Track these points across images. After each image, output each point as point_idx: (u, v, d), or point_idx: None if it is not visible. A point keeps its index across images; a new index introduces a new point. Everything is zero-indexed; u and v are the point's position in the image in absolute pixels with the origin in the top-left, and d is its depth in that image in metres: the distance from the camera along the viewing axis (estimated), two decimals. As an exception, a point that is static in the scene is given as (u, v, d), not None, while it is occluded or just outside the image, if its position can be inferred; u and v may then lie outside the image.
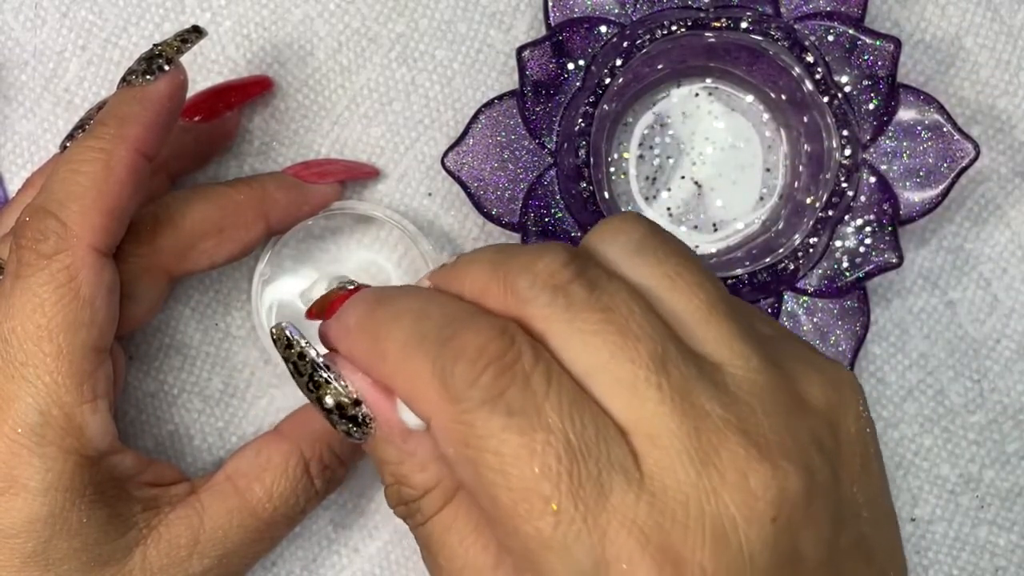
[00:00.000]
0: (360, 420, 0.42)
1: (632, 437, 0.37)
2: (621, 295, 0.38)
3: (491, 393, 0.37)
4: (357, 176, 0.56)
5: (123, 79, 0.49)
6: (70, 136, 0.52)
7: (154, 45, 0.49)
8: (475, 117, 0.54)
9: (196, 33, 0.50)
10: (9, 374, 0.46)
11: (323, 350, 0.43)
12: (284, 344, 0.43)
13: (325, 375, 0.42)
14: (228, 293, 0.57)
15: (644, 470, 0.36)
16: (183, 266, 0.51)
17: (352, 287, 0.44)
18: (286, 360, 0.43)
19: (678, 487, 0.36)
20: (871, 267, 0.53)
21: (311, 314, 0.45)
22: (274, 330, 0.43)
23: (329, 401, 0.42)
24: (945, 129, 0.53)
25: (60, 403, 0.46)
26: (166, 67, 0.49)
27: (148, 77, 0.49)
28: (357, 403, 0.41)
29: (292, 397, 0.56)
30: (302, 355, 0.42)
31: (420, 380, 0.38)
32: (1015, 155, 0.57)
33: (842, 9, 0.53)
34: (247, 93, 0.56)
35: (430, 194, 0.57)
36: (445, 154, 0.54)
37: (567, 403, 0.37)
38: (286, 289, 0.56)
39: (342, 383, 0.42)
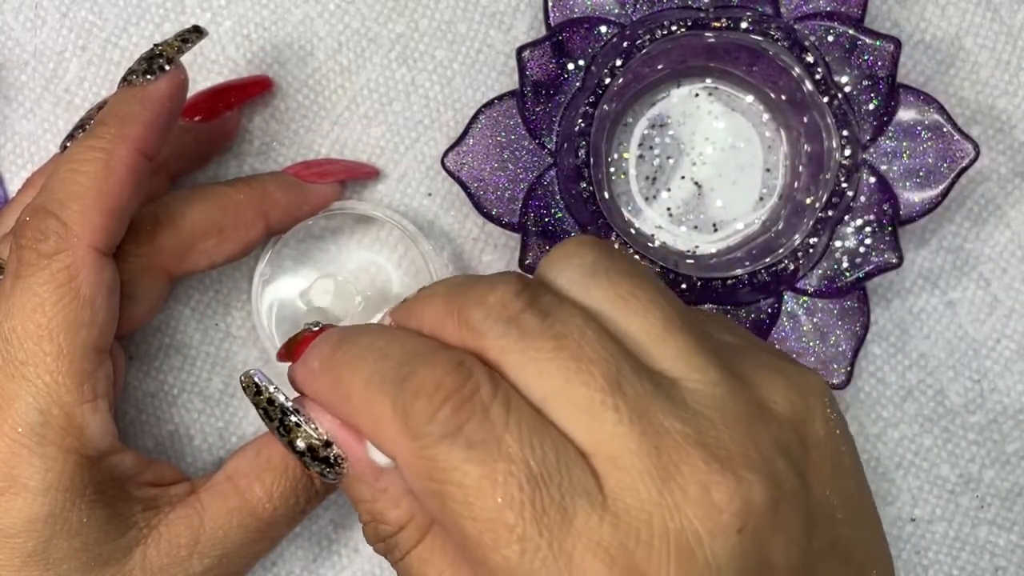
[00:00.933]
0: (332, 461, 0.42)
1: (593, 459, 0.37)
2: (574, 320, 0.39)
3: (450, 427, 0.37)
4: (357, 176, 0.56)
5: (124, 79, 0.49)
6: (70, 136, 0.52)
7: (155, 45, 0.49)
8: (475, 117, 0.54)
9: (196, 33, 0.50)
10: (9, 373, 0.46)
11: (293, 393, 0.44)
12: (253, 391, 0.44)
13: (295, 419, 0.43)
14: (228, 293, 0.57)
15: (606, 491, 0.37)
16: (183, 266, 0.51)
17: (316, 328, 0.45)
18: (256, 406, 0.44)
19: (640, 506, 0.37)
20: (871, 267, 0.53)
21: (281, 356, 0.46)
22: (243, 378, 0.44)
23: (300, 444, 0.43)
24: (945, 129, 0.53)
25: (60, 403, 0.46)
26: (166, 67, 0.49)
27: (149, 77, 0.49)
28: (328, 445, 0.42)
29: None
30: (271, 400, 0.44)
31: (382, 419, 0.39)
32: (1015, 155, 0.57)
33: (842, 9, 0.53)
34: (247, 93, 0.56)
35: (430, 194, 0.57)
36: (445, 154, 0.54)
37: (527, 431, 0.37)
38: (286, 289, 0.56)
39: (312, 426, 0.43)
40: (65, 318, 0.46)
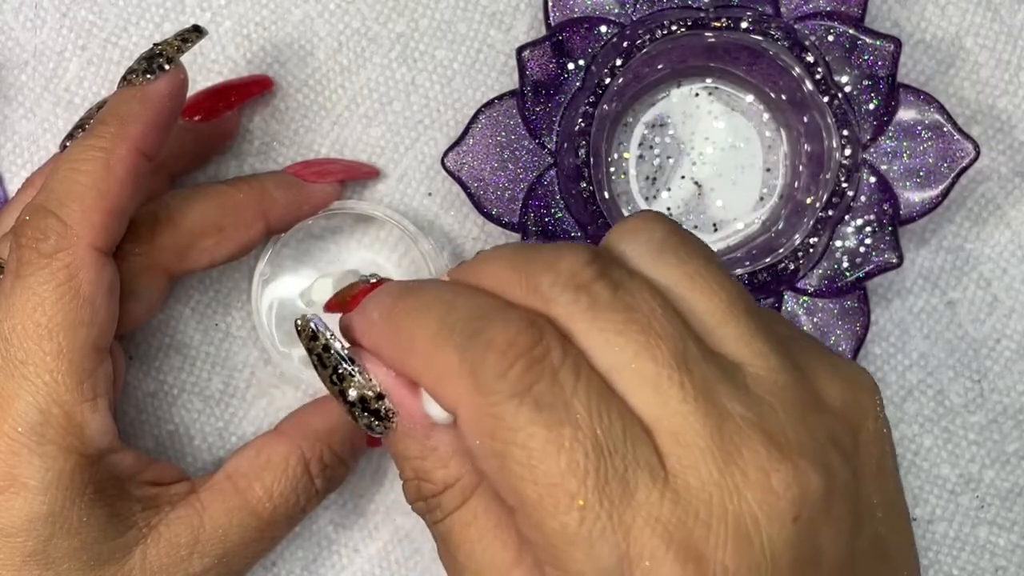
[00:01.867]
0: (383, 414, 0.41)
1: (656, 435, 0.37)
2: (643, 295, 0.38)
3: (520, 386, 0.36)
4: (357, 176, 0.56)
5: (124, 78, 0.49)
6: (70, 136, 0.52)
7: (154, 44, 0.49)
8: (475, 117, 0.54)
9: (196, 32, 0.50)
10: (9, 372, 0.46)
11: (347, 343, 0.43)
12: (309, 335, 0.42)
13: (349, 368, 0.41)
14: (228, 293, 0.57)
15: (668, 468, 0.36)
16: (183, 265, 0.51)
17: (375, 280, 0.44)
18: (310, 352, 0.42)
19: (701, 486, 0.36)
20: (871, 267, 0.53)
21: (331, 306, 0.45)
22: (299, 321, 0.43)
23: (352, 394, 0.41)
24: (945, 129, 0.53)
25: (60, 402, 0.46)
26: (166, 66, 0.49)
27: (149, 76, 0.49)
28: (380, 397, 0.41)
29: (292, 397, 0.57)
30: (327, 347, 0.42)
31: (448, 372, 0.38)
32: (1015, 155, 0.57)
33: (842, 9, 0.53)
34: (247, 92, 0.56)
35: (430, 194, 0.57)
36: (445, 154, 0.54)
37: (595, 399, 0.37)
38: (286, 289, 0.56)
39: (366, 376, 0.41)
40: (65, 317, 0.46)
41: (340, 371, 0.42)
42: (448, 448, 0.41)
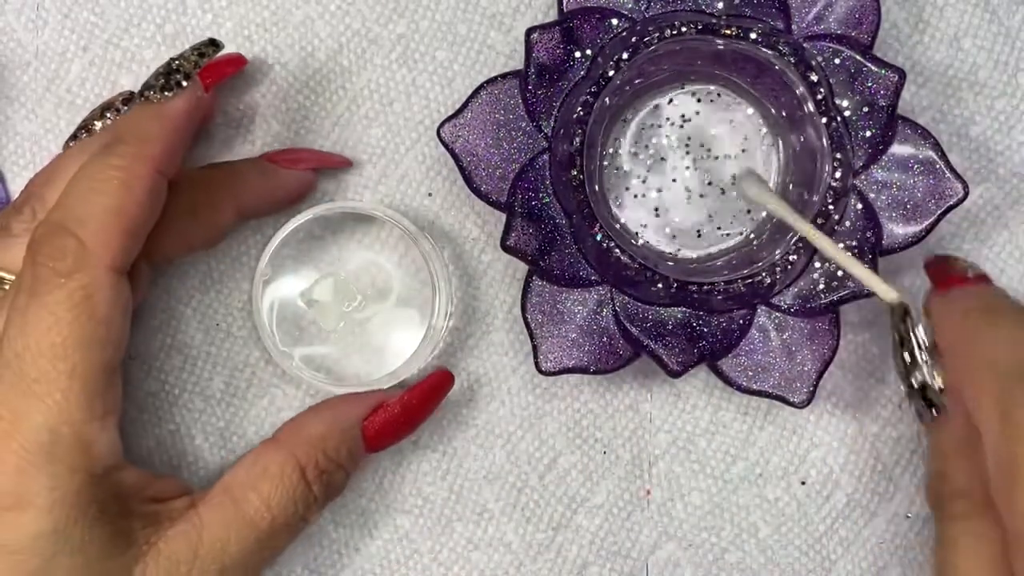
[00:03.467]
0: (935, 404, 0.47)
1: None
2: None
3: None
4: (329, 165, 0.56)
5: (140, 93, 0.49)
6: (73, 136, 0.52)
7: (171, 59, 0.49)
8: (476, 91, 0.53)
9: (213, 46, 0.50)
10: (21, 390, 0.46)
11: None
12: (900, 315, 0.48)
13: (922, 357, 0.47)
14: (229, 293, 0.57)
15: None
16: (160, 250, 0.51)
17: (973, 275, 0.50)
18: (896, 330, 0.48)
19: None
20: (845, 292, 0.53)
21: (931, 263, 0.52)
22: (896, 304, 0.48)
23: (917, 380, 0.48)
24: (938, 166, 0.52)
25: (70, 421, 0.46)
26: (184, 82, 0.49)
27: (167, 93, 0.49)
28: (942, 390, 0.47)
29: (293, 396, 0.57)
30: (910, 333, 0.48)
31: (985, 392, 0.44)
32: (1012, 156, 0.57)
33: (853, 34, 0.52)
34: (221, 73, 0.55)
35: (430, 194, 0.57)
36: (442, 124, 0.53)
37: None
38: (286, 289, 0.56)
39: (936, 371, 0.47)
40: (80, 337, 0.46)
41: (915, 357, 0.47)
42: (972, 463, 0.46)
